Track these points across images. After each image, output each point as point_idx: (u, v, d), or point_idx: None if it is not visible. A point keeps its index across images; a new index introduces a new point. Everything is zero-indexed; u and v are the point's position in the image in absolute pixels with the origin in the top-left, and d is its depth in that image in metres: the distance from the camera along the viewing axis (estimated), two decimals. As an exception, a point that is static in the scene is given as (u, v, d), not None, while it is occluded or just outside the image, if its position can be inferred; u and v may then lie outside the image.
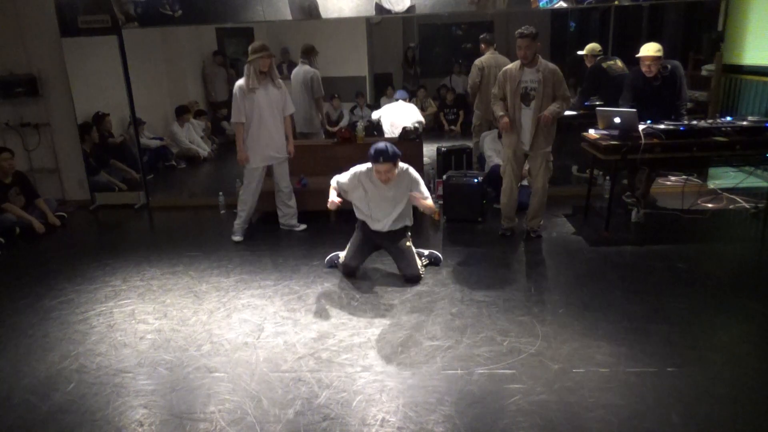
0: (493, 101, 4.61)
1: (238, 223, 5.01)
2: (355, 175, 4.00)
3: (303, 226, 5.19)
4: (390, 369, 2.95)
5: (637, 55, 4.70)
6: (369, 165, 3.89)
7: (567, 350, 3.05)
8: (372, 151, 3.75)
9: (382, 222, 4.03)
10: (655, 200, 5.49)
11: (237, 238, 4.98)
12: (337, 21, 5.78)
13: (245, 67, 4.65)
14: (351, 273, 4.13)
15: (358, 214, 4.16)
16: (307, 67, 6.20)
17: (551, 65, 4.36)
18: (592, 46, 6.10)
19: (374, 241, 4.15)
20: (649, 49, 4.61)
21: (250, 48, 4.63)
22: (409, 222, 4.12)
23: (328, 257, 4.37)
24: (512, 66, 4.46)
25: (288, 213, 5.15)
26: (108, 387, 2.92)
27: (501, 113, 4.48)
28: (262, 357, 3.13)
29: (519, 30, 4.28)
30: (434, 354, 3.07)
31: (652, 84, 4.71)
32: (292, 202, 5.14)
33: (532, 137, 4.43)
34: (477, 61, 5.97)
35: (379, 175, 3.81)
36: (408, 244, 4.09)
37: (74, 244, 5.30)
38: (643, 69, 4.68)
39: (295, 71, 6.30)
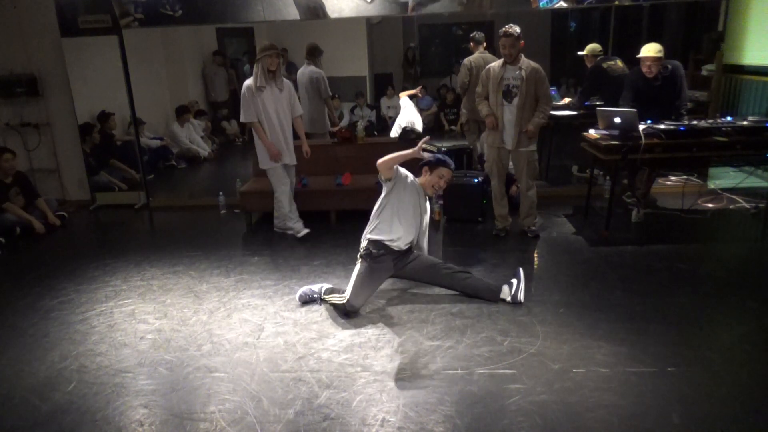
0: (478, 100, 4.67)
1: (290, 223, 4.94)
2: (410, 179, 3.59)
3: (306, 231, 4.99)
4: (390, 369, 2.95)
5: (638, 56, 4.70)
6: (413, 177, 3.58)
7: (567, 350, 3.05)
8: (440, 157, 3.55)
9: (403, 239, 3.62)
10: (655, 200, 5.49)
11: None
12: (337, 21, 5.78)
13: (254, 66, 4.62)
14: (355, 313, 3.53)
15: (383, 236, 3.56)
16: (312, 68, 6.15)
17: (534, 64, 4.40)
18: (593, 47, 6.11)
19: (389, 272, 3.68)
20: (650, 50, 4.61)
21: (258, 46, 4.62)
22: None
23: (301, 291, 3.74)
24: (495, 64, 4.53)
25: (292, 216, 4.99)
26: (108, 387, 2.92)
27: (486, 112, 4.55)
28: (262, 357, 3.13)
29: (503, 29, 4.36)
30: (434, 354, 3.07)
31: (652, 84, 4.71)
32: (294, 205, 5.03)
33: (514, 136, 4.47)
34: (466, 61, 5.93)
35: (440, 180, 3.54)
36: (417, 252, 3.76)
37: (74, 244, 5.31)
38: (644, 69, 4.68)
39: (300, 71, 6.26)
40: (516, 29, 4.33)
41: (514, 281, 3.61)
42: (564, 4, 5.36)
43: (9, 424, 2.68)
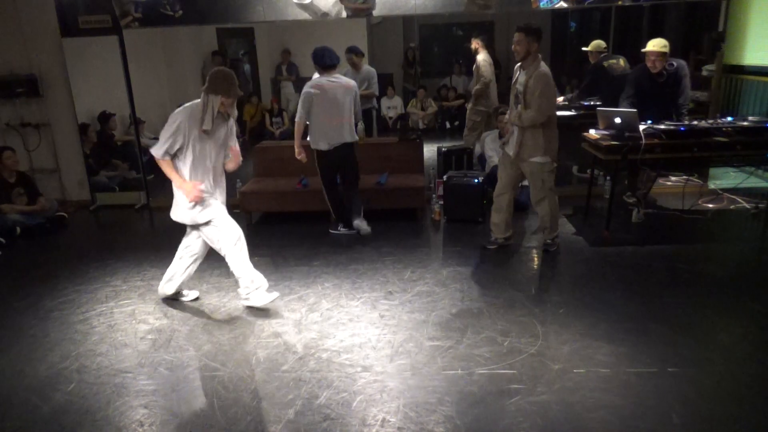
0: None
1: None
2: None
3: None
4: (390, 369, 2.95)
5: (643, 50, 4.70)
6: None
7: (567, 350, 3.05)
8: None
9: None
10: (655, 200, 5.49)
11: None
12: (337, 21, 5.78)
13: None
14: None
15: None
16: None
17: (541, 71, 3.94)
18: (597, 43, 6.08)
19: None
20: (655, 45, 4.61)
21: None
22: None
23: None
24: (517, 65, 4.22)
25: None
26: (108, 387, 2.92)
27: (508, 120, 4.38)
28: (262, 357, 3.13)
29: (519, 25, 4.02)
30: (434, 354, 3.07)
31: (656, 80, 4.71)
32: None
33: (516, 145, 4.11)
34: (487, 58, 5.99)
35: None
36: None
37: (74, 244, 5.31)
38: (648, 64, 4.69)
39: None
40: (529, 24, 3.93)
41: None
42: (564, 4, 5.36)
43: (9, 424, 2.68)
